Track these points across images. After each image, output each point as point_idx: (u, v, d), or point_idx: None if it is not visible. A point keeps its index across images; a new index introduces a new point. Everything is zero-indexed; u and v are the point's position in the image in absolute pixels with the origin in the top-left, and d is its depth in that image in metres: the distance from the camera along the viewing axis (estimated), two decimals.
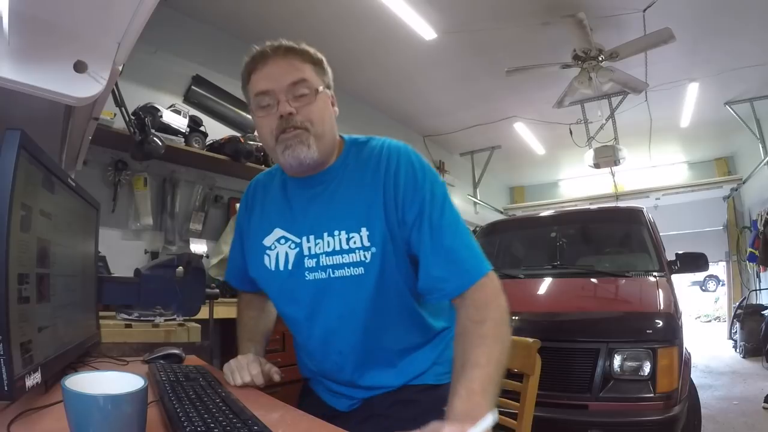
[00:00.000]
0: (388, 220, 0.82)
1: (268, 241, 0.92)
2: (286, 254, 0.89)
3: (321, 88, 0.86)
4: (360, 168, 0.87)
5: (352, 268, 0.82)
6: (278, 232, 0.90)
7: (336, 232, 0.83)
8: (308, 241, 0.86)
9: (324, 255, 0.84)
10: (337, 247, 0.83)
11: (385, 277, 0.82)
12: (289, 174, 0.92)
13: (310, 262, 0.86)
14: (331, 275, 0.84)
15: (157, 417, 0.65)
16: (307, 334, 0.91)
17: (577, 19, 2.94)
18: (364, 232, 0.82)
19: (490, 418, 0.59)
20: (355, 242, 0.82)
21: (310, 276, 0.86)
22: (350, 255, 0.82)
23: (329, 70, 0.91)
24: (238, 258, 1.02)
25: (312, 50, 0.88)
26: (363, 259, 0.82)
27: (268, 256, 0.91)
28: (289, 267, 0.88)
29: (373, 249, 0.81)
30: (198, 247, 2.78)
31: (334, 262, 0.83)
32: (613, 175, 6.39)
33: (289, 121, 0.83)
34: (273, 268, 0.90)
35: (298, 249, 0.87)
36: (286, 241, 0.89)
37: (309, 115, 0.83)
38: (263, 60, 0.86)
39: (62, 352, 0.73)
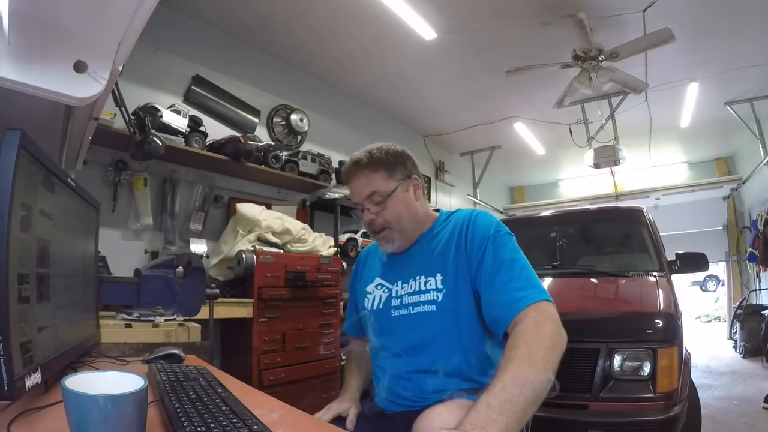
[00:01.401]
0: (458, 266, 0.98)
1: (369, 288, 1.15)
2: (380, 297, 1.11)
3: (393, 189, 1.06)
4: (444, 231, 1.07)
5: (426, 305, 1.00)
6: (377, 281, 1.14)
7: (417, 277, 1.03)
8: (396, 285, 1.08)
9: (406, 295, 1.04)
10: (416, 288, 1.02)
11: (456, 313, 0.96)
12: None
13: (395, 302, 1.06)
14: (411, 312, 1.02)
15: (157, 417, 0.65)
16: (390, 357, 1.06)
17: (577, 19, 2.94)
18: (438, 276, 1.00)
19: None
20: (430, 284, 1.01)
21: (395, 313, 1.05)
22: (425, 294, 1.00)
23: (408, 160, 1.10)
24: (350, 308, 1.27)
25: (383, 154, 1.06)
26: (435, 298, 0.99)
27: (368, 299, 1.14)
28: (381, 306, 1.09)
29: (444, 290, 0.98)
30: (198, 247, 2.77)
31: (413, 301, 1.02)
32: (613, 175, 6.38)
33: (372, 226, 1.08)
34: (369, 307, 1.13)
35: (389, 293, 1.09)
36: (381, 287, 1.12)
37: (386, 217, 1.06)
38: (347, 177, 1.10)
39: (62, 352, 0.73)
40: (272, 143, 3.23)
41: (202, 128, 2.77)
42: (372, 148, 1.07)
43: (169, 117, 2.54)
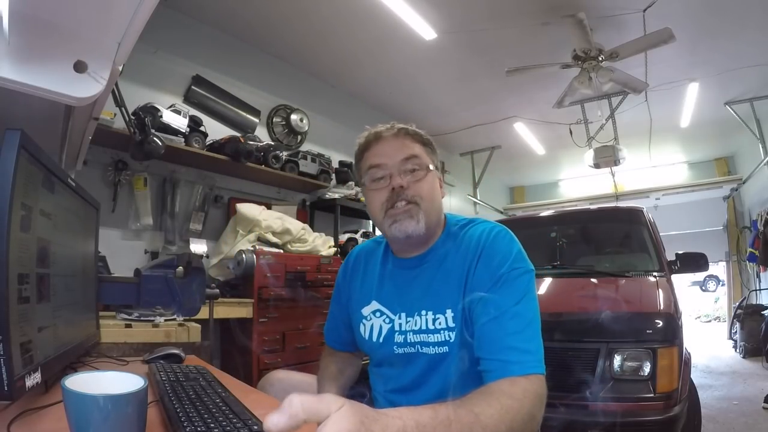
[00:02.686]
0: (465, 299, 0.85)
1: (365, 311, 0.99)
2: (380, 327, 0.96)
3: (431, 167, 0.93)
4: (455, 252, 0.91)
5: (437, 347, 0.87)
6: (375, 305, 0.98)
7: (423, 312, 0.89)
8: (400, 318, 0.93)
9: (411, 333, 0.90)
10: (424, 327, 0.89)
11: (468, 354, 0.83)
12: (394, 249, 0.98)
13: (399, 338, 0.92)
14: (419, 350, 0.90)
15: (157, 417, 0.65)
16: (389, 391, 0.96)
17: (577, 19, 2.94)
18: (449, 313, 0.86)
19: None
20: (440, 323, 0.87)
21: (399, 350, 0.92)
22: (435, 335, 0.87)
23: (437, 153, 0.99)
24: (335, 319, 1.10)
25: (423, 132, 0.97)
26: (447, 338, 0.86)
27: (364, 325, 0.99)
28: (381, 339, 0.95)
29: (457, 329, 0.85)
30: (198, 247, 2.78)
31: (421, 340, 0.89)
32: (613, 175, 6.38)
33: (399, 195, 0.89)
34: (366, 337, 0.98)
35: (390, 324, 0.94)
36: (381, 315, 0.96)
37: (419, 190, 0.90)
38: (377, 139, 0.94)
39: (62, 352, 0.73)
40: (272, 143, 3.24)
41: (202, 128, 2.77)
42: (410, 123, 0.97)
43: (169, 117, 2.54)
